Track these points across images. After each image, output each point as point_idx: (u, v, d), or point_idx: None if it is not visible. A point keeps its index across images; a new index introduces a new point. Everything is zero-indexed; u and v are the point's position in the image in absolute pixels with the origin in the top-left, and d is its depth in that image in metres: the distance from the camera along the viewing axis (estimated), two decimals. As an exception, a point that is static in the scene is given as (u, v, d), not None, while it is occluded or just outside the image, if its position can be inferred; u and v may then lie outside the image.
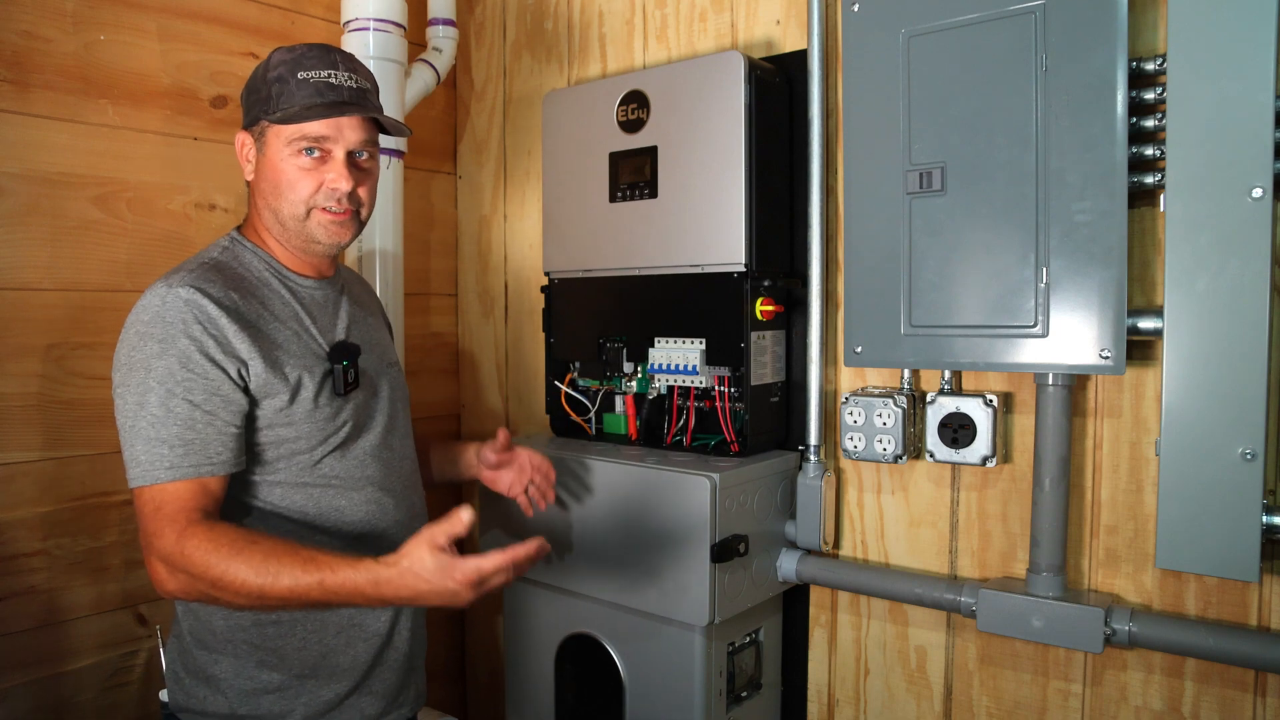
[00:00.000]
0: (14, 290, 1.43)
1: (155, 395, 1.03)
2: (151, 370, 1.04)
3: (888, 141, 1.32)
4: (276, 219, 1.17)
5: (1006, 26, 1.22)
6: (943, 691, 1.45)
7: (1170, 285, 1.13)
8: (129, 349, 1.06)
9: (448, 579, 1.00)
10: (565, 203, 1.66)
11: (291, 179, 1.14)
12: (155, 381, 1.03)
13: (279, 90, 1.13)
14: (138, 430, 1.03)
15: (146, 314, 1.06)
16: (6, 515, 1.43)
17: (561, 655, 1.56)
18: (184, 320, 1.05)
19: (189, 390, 1.04)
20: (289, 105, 1.12)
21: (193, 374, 1.04)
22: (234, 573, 0.99)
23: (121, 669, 1.56)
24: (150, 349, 1.04)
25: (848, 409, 1.42)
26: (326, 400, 1.15)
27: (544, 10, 1.93)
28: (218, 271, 1.12)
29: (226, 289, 1.10)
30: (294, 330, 1.16)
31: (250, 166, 1.18)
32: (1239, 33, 1.07)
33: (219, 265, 1.14)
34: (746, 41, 1.61)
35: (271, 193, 1.16)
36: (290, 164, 1.14)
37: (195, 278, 1.08)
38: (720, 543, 1.33)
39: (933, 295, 1.30)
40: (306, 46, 1.17)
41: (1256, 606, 1.19)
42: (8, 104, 1.42)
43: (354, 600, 1.02)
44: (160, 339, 1.04)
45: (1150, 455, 1.25)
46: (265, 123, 1.15)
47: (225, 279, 1.12)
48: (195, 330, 1.05)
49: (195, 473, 1.04)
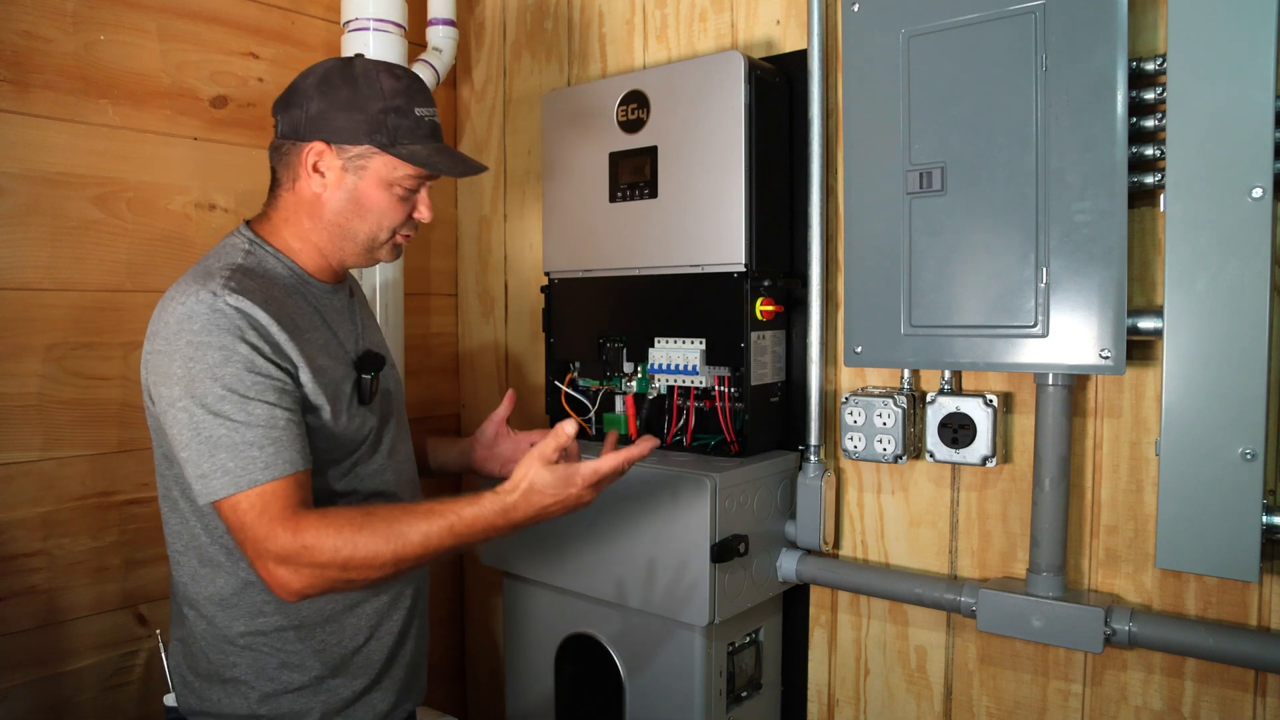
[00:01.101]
0: (14, 290, 1.43)
1: (230, 403, 1.00)
2: (219, 378, 1.00)
3: (888, 141, 1.32)
4: (343, 235, 1.15)
5: (1006, 26, 1.22)
6: (943, 691, 1.45)
7: (1170, 285, 1.13)
8: (185, 360, 1.01)
9: (569, 486, 1.07)
10: (565, 203, 1.66)
11: (385, 207, 1.14)
12: (225, 389, 1.00)
13: (397, 123, 1.12)
14: (218, 440, 1.00)
15: (196, 322, 1.01)
16: (6, 515, 1.43)
17: (561, 655, 1.56)
18: (239, 327, 1.02)
19: (262, 393, 1.02)
20: (410, 142, 1.13)
21: (260, 377, 1.02)
22: (364, 548, 1.00)
23: (121, 669, 1.56)
24: (212, 357, 1.00)
25: (848, 409, 1.42)
26: (356, 410, 1.15)
27: (544, 10, 1.93)
28: (250, 277, 1.08)
29: (266, 295, 1.07)
30: (324, 340, 1.14)
31: (320, 180, 1.13)
32: (1239, 33, 1.07)
33: (248, 270, 1.09)
34: (746, 41, 1.61)
35: (353, 213, 1.14)
36: (389, 193, 1.14)
37: (237, 283, 1.05)
38: (720, 543, 1.33)
39: (933, 295, 1.30)
40: (409, 76, 1.16)
41: (1256, 606, 1.19)
42: (8, 104, 1.42)
43: (487, 534, 1.05)
44: (220, 347, 1.01)
45: (1150, 455, 1.25)
46: (372, 148, 1.12)
47: (259, 284, 1.08)
48: (251, 336, 1.02)
49: (291, 468, 1.02)
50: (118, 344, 1.54)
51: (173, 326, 1.02)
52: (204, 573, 1.12)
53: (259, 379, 1.02)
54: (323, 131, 1.11)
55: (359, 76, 1.12)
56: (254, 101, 1.72)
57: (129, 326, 1.56)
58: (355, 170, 1.13)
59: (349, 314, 1.23)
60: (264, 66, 1.73)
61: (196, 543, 1.12)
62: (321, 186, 1.13)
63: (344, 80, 1.12)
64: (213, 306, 1.02)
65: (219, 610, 1.11)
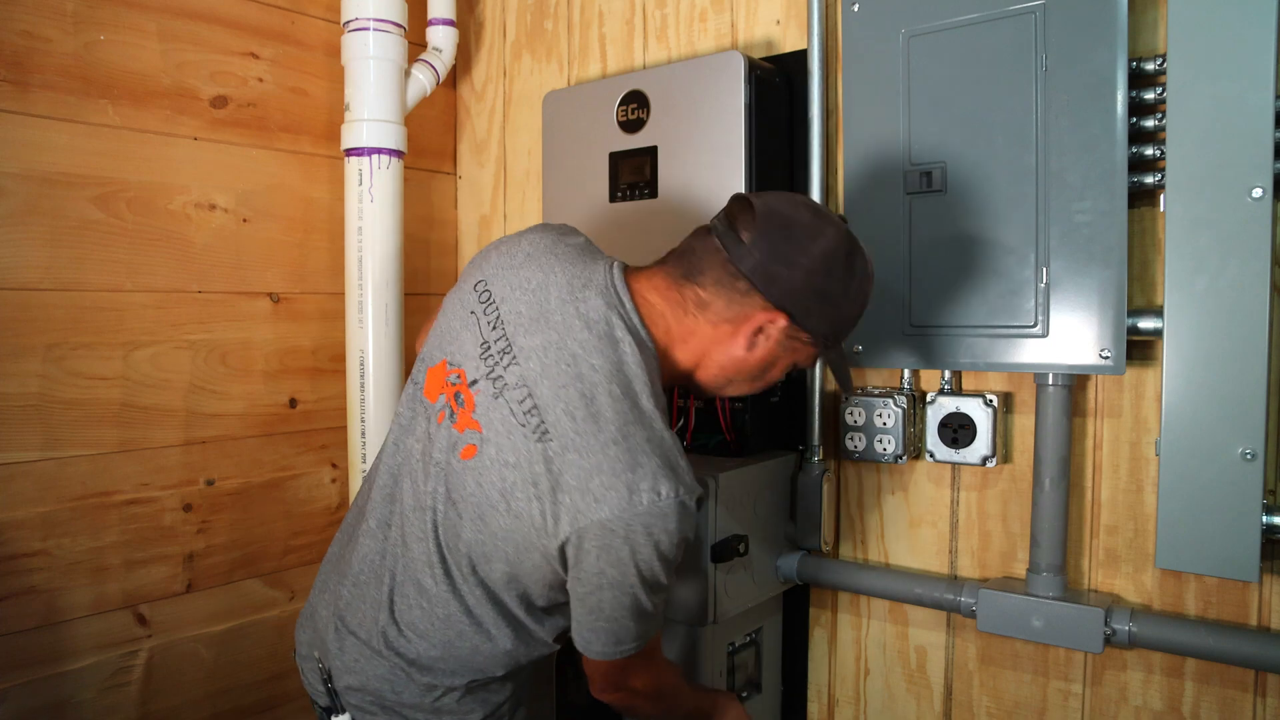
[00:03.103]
0: (14, 290, 1.43)
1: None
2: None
3: (888, 141, 1.32)
4: (720, 383, 1.08)
5: (1006, 26, 1.22)
6: (943, 691, 1.45)
7: (1170, 285, 1.13)
8: (661, 567, 0.96)
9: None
10: (565, 203, 1.66)
11: (775, 380, 1.10)
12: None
13: (846, 330, 1.07)
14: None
15: (672, 528, 0.95)
16: (6, 515, 1.43)
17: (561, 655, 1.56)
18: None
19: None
20: (838, 332, 1.06)
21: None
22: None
23: (121, 669, 1.56)
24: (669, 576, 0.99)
25: (848, 409, 1.42)
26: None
27: (544, 10, 1.93)
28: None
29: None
30: None
31: (753, 341, 1.03)
32: (1239, 33, 1.07)
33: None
34: (746, 41, 1.61)
35: (753, 377, 1.07)
36: (785, 370, 1.09)
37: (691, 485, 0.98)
38: (720, 543, 1.33)
39: (933, 295, 1.30)
40: (872, 282, 1.07)
41: (1256, 606, 1.19)
42: (8, 104, 1.42)
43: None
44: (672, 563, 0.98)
45: (1150, 455, 1.25)
46: (814, 339, 1.04)
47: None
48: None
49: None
50: (118, 344, 1.54)
51: (656, 531, 0.95)
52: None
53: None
54: (797, 309, 1.00)
55: (857, 274, 1.03)
56: (254, 101, 1.72)
57: (129, 326, 1.56)
58: (787, 348, 1.05)
59: None
60: (264, 66, 1.73)
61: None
62: (750, 347, 1.03)
63: (846, 272, 1.02)
64: (682, 515, 0.96)
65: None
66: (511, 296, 1.04)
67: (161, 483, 1.60)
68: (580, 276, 1.04)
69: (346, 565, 1.13)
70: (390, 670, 1.07)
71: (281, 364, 1.77)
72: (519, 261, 1.07)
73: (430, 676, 1.06)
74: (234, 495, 1.71)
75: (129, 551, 1.56)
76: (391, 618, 1.07)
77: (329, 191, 1.84)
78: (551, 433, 0.96)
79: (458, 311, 1.08)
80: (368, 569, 1.11)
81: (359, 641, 1.08)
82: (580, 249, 1.10)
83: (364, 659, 1.08)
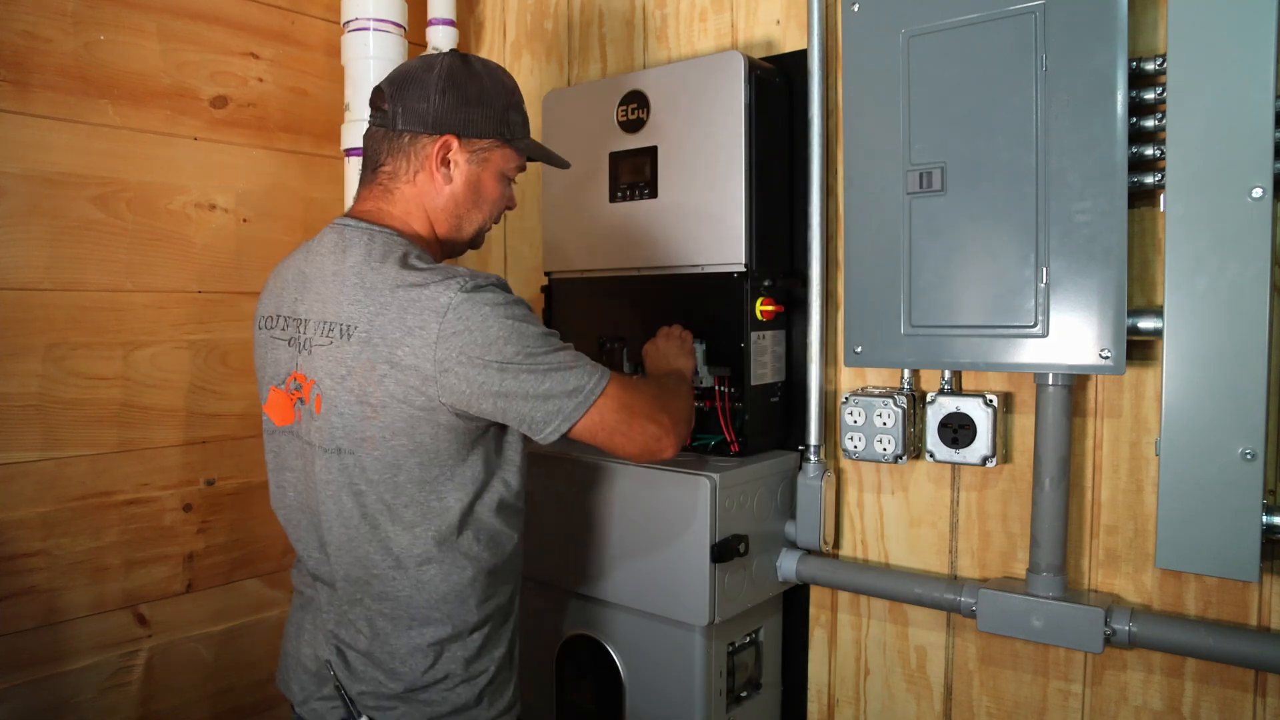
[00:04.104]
0: (14, 290, 1.43)
1: (560, 349, 1.08)
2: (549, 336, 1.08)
3: (888, 141, 1.32)
4: (460, 224, 1.18)
5: (1006, 26, 1.22)
6: (943, 691, 1.45)
7: (1170, 285, 1.13)
8: (524, 338, 1.04)
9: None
10: (565, 203, 1.66)
11: (498, 196, 1.20)
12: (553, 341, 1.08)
13: (515, 118, 1.19)
14: (564, 364, 1.07)
15: (503, 302, 1.04)
16: (6, 515, 1.43)
17: (561, 655, 1.56)
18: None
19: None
20: (523, 135, 1.20)
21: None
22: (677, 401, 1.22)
23: (121, 669, 1.56)
24: (537, 327, 1.06)
25: (848, 409, 1.42)
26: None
27: (544, 10, 1.93)
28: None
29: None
30: None
31: (446, 172, 1.15)
32: (1239, 33, 1.07)
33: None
34: (746, 41, 1.61)
35: (472, 204, 1.18)
36: (500, 184, 1.20)
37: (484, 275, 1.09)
38: (720, 543, 1.33)
39: (933, 295, 1.30)
40: (512, 77, 1.21)
41: (1256, 606, 1.19)
42: (8, 104, 1.42)
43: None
44: (527, 319, 1.07)
45: (1150, 455, 1.25)
46: (497, 143, 1.17)
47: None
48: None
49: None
50: (118, 344, 1.54)
51: (488, 318, 1.03)
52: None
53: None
54: (454, 126, 1.14)
55: (482, 74, 1.16)
56: (254, 101, 1.72)
57: (129, 326, 1.56)
58: (479, 162, 1.17)
59: None
60: (264, 66, 1.73)
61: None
62: (447, 179, 1.15)
63: (470, 76, 1.15)
64: (507, 297, 1.07)
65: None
66: (281, 298, 1.16)
67: (161, 483, 1.60)
68: (311, 242, 1.17)
69: (313, 597, 1.18)
70: (392, 658, 1.11)
71: (281, 364, 1.77)
72: (272, 283, 1.20)
73: (428, 631, 1.10)
74: (234, 495, 1.71)
75: (129, 551, 1.56)
76: (365, 614, 1.11)
77: (329, 191, 1.84)
78: (352, 323, 1.04)
79: (260, 352, 1.19)
80: (332, 589, 1.14)
81: (357, 653, 1.13)
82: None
83: (367, 666, 1.12)
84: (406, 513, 1.07)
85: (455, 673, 1.12)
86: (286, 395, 1.13)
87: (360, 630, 1.12)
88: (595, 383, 1.08)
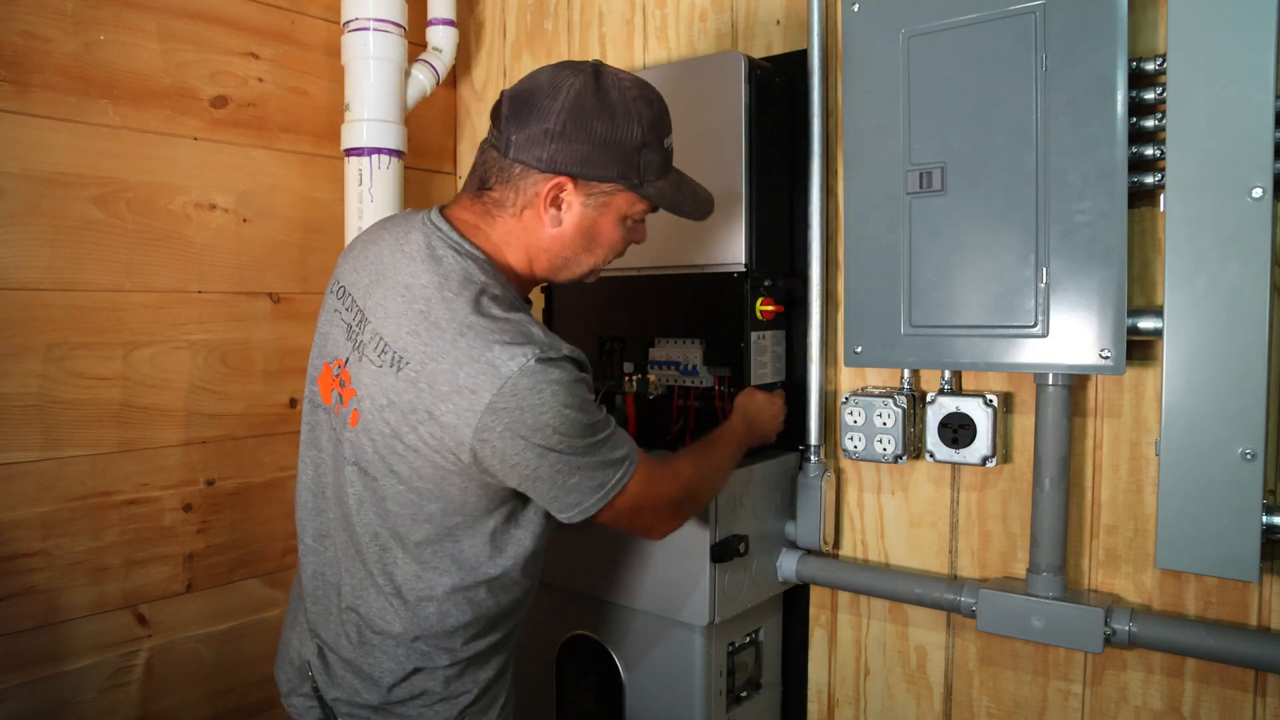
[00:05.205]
0: (14, 290, 1.43)
1: (599, 440, 1.02)
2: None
3: (888, 141, 1.32)
4: (564, 265, 1.09)
5: (1006, 26, 1.22)
6: (943, 691, 1.45)
7: (1170, 285, 1.13)
8: (574, 427, 0.97)
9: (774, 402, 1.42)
10: (565, 203, 1.66)
11: (615, 242, 1.10)
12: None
13: (648, 159, 1.05)
14: (595, 464, 1.01)
15: (569, 381, 0.96)
16: (6, 515, 1.43)
17: (561, 656, 1.56)
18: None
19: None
20: (656, 177, 1.07)
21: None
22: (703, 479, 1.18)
23: (121, 669, 1.56)
24: (589, 416, 0.99)
25: (848, 409, 1.42)
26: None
27: (544, 10, 1.93)
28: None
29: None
30: None
31: (556, 214, 1.05)
32: (1239, 33, 1.07)
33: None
34: (746, 41, 1.61)
35: (582, 247, 1.08)
36: (623, 228, 1.09)
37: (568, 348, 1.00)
38: (720, 543, 1.33)
39: (932, 295, 1.30)
40: (659, 100, 1.07)
41: (1256, 606, 1.19)
42: (8, 104, 1.42)
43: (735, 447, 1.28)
44: (584, 407, 0.99)
45: (1150, 455, 1.25)
46: (619, 186, 1.05)
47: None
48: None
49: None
50: (118, 344, 1.54)
51: (545, 403, 0.95)
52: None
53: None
54: (571, 166, 1.02)
55: (616, 106, 1.02)
56: (254, 101, 1.72)
57: (129, 326, 1.56)
58: (597, 207, 1.06)
59: None
60: (264, 66, 1.73)
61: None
62: (555, 221, 1.05)
63: (601, 109, 1.01)
64: (574, 379, 0.99)
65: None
66: (356, 277, 1.09)
67: (161, 483, 1.60)
68: (403, 228, 1.09)
69: (303, 589, 1.17)
70: (373, 670, 1.08)
71: (281, 364, 1.77)
72: (356, 250, 1.13)
73: (415, 659, 1.07)
74: (234, 495, 1.71)
75: (129, 551, 1.56)
76: (356, 622, 1.09)
77: (329, 191, 1.84)
78: (405, 356, 0.98)
79: (325, 318, 1.13)
80: (321, 584, 1.13)
81: (339, 658, 1.10)
82: (409, 213, 1.14)
83: (346, 673, 1.09)
84: (421, 551, 1.03)
85: (433, 690, 1.07)
86: (334, 380, 1.07)
87: (348, 638, 1.09)
88: (617, 480, 1.02)
